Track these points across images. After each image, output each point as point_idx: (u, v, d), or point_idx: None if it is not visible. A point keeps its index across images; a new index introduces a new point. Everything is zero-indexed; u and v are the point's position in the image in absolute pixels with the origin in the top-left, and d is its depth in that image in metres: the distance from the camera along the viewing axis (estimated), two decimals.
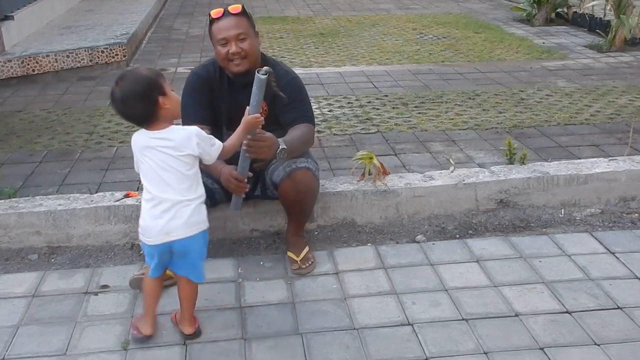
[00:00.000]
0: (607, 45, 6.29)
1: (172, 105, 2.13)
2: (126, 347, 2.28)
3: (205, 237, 2.24)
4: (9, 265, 2.82)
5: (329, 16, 8.42)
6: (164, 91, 2.11)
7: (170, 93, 2.13)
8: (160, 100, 2.10)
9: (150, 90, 2.09)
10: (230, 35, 2.57)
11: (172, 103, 2.13)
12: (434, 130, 4.17)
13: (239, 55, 2.59)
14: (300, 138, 2.63)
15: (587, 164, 3.34)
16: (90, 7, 8.10)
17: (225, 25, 2.59)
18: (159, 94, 2.10)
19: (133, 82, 2.10)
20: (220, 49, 2.60)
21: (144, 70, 2.15)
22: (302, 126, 2.68)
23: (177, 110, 2.18)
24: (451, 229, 3.08)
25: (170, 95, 2.13)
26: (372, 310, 2.47)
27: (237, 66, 2.61)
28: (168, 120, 2.16)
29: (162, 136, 2.13)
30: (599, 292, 2.56)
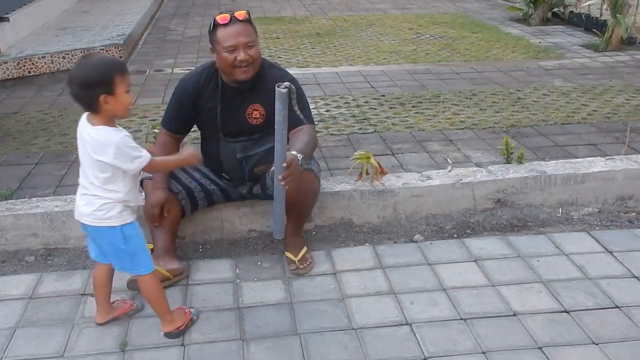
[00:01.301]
0: (604, 45, 6.29)
1: (115, 106, 2.08)
2: (124, 348, 2.28)
3: (119, 234, 2.18)
4: (5, 267, 2.81)
5: (326, 16, 8.42)
6: (111, 89, 2.05)
7: (119, 94, 2.07)
8: (102, 98, 2.05)
9: (95, 84, 2.04)
10: (240, 43, 2.57)
11: (116, 104, 2.08)
12: (431, 129, 4.17)
13: (247, 62, 2.59)
14: (309, 142, 2.63)
15: (584, 163, 3.34)
16: (86, 8, 8.09)
17: (234, 32, 2.58)
18: (103, 91, 2.05)
19: (83, 68, 2.08)
20: (227, 55, 2.58)
21: (101, 61, 2.10)
22: (306, 128, 2.67)
23: (121, 111, 2.12)
24: (449, 229, 3.08)
25: (118, 96, 2.07)
26: (370, 310, 2.46)
27: (244, 73, 2.62)
28: (108, 117, 2.11)
29: (90, 132, 2.12)
30: (596, 291, 2.56)
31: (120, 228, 2.19)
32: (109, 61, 2.14)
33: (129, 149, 2.10)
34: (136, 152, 2.12)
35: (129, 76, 2.12)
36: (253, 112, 2.72)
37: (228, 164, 2.82)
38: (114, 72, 2.06)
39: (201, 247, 2.96)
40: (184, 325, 2.34)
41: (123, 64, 2.18)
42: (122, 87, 2.08)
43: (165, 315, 2.32)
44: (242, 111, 2.73)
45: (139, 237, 2.25)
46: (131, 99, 2.15)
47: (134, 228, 2.23)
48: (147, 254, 2.29)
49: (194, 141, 3.08)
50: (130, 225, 2.22)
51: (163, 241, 2.71)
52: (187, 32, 7.52)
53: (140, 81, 5.48)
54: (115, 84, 2.06)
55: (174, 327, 2.32)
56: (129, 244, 2.21)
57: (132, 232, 2.22)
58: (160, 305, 2.32)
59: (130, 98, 2.13)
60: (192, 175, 2.86)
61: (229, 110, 2.73)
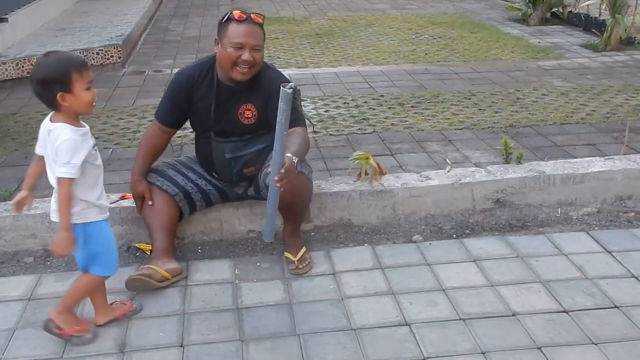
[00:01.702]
0: (603, 45, 6.29)
1: (74, 103, 2.08)
2: (123, 349, 2.27)
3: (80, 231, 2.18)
4: (4, 268, 2.81)
5: (325, 16, 8.42)
6: (68, 87, 2.05)
7: (77, 91, 2.06)
8: (59, 96, 2.06)
9: (51, 82, 2.05)
10: (248, 43, 2.58)
11: (75, 101, 2.08)
12: (430, 130, 4.17)
13: (250, 64, 2.60)
14: (302, 144, 2.63)
15: (583, 163, 3.34)
16: (84, 8, 8.08)
17: (246, 31, 2.59)
18: (60, 89, 2.05)
19: (41, 66, 2.08)
20: (231, 51, 2.59)
21: (59, 59, 2.09)
22: (299, 130, 2.66)
23: (82, 108, 2.11)
24: (448, 229, 3.08)
25: (76, 94, 2.07)
26: (370, 311, 2.46)
27: (242, 74, 2.62)
28: (70, 114, 2.12)
29: (49, 128, 2.13)
30: (595, 291, 2.56)
31: (82, 226, 2.19)
32: (66, 59, 2.12)
33: (66, 152, 2.08)
34: (71, 161, 2.08)
35: (88, 73, 2.11)
36: (245, 112, 2.72)
37: (217, 163, 2.84)
38: (71, 70, 2.06)
39: (200, 248, 2.96)
40: (66, 335, 2.30)
41: (82, 61, 2.14)
42: (80, 85, 2.07)
43: (64, 309, 2.30)
44: (234, 110, 2.73)
45: (103, 238, 2.24)
46: (93, 95, 2.12)
47: (98, 229, 2.21)
48: (110, 258, 2.28)
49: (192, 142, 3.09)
50: (94, 225, 2.21)
51: (161, 242, 2.71)
52: (186, 33, 7.52)
53: (139, 82, 5.48)
54: (73, 82, 2.06)
55: (59, 325, 2.29)
56: (90, 243, 2.21)
57: (94, 232, 2.21)
58: (71, 302, 2.32)
59: (90, 95, 2.11)
60: (188, 177, 2.87)
61: (223, 108, 2.73)
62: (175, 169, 2.88)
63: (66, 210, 2.12)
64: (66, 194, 2.11)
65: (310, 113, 4.52)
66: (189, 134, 3.76)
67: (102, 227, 2.24)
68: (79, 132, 2.13)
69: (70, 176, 2.09)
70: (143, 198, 2.79)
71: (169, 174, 2.83)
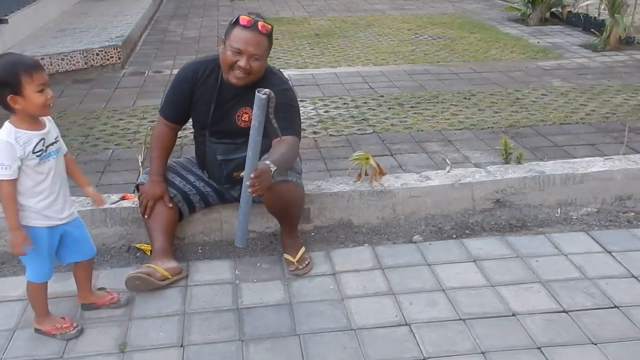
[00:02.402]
0: (602, 45, 6.30)
1: (26, 106, 2.07)
2: (123, 349, 2.28)
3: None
4: (5, 268, 2.81)
5: (324, 17, 8.43)
6: (18, 90, 2.04)
7: (28, 94, 2.05)
8: (9, 98, 2.05)
9: (1, 84, 2.04)
10: (247, 50, 2.56)
11: (27, 104, 2.07)
12: (430, 130, 4.17)
13: (245, 71, 2.58)
14: (285, 154, 2.58)
15: (583, 163, 3.35)
16: (84, 9, 8.09)
17: (247, 37, 2.56)
18: (10, 92, 2.04)
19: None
20: (230, 54, 2.58)
21: (8, 62, 2.07)
22: (289, 139, 2.62)
23: (35, 110, 2.10)
24: (448, 229, 3.08)
25: (28, 97, 2.05)
26: (370, 311, 2.46)
27: (236, 79, 2.61)
28: (25, 116, 2.10)
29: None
30: (595, 291, 2.56)
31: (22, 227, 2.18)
32: (15, 61, 2.09)
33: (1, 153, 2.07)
34: (4, 162, 2.07)
35: (40, 75, 2.07)
36: (243, 115, 2.72)
37: (208, 163, 2.84)
38: (20, 72, 2.04)
39: (200, 248, 2.96)
40: (49, 332, 2.32)
41: (33, 62, 2.11)
42: (31, 87, 2.05)
43: (37, 315, 2.35)
44: (233, 112, 2.73)
45: (36, 244, 2.20)
46: (46, 97, 2.10)
47: (32, 234, 2.19)
48: (35, 266, 2.26)
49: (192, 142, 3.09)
50: (31, 230, 2.19)
51: (160, 242, 2.72)
52: (186, 34, 7.53)
53: (139, 82, 5.48)
54: (22, 84, 2.04)
55: (41, 327, 2.33)
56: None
57: (30, 236, 2.19)
58: (34, 306, 2.35)
59: (43, 97, 2.09)
60: (186, 178, 2.87)
61: (222, 109, 2.73)
62: (174, 171, 2.88)
63: (7, 209, 2.13)
64: (4, 195, 2.12)
65: (310, 113, 4.52)
66: (189, 134, 3.77)
67: (39, 233, 2.21)
68: (17, 133, 2.10)
69: (5, 178, 2.09)
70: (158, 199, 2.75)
71: (167, 176, 2.84)
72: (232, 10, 9.03)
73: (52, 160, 2.20)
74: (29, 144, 2.12)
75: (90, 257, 2.43)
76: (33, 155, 2.13)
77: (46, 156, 2.17)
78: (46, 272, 2.30)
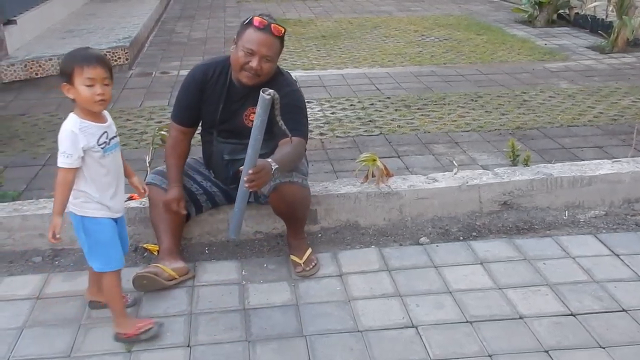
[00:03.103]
0: (610, 47, 6.28)
1: (76, 97, 2.14)
2: (130, 349, 2.28)
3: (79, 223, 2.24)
4: (13, 267, 2.83)
5: (331, 19, 8.43)
6: (70, 80, 2.13)
7: (76, 86, 2.12)
8: (62, 86, 2.15)
9: (61, 72, 2.17)
10: (260, 52, 2.57)
11: (76, 95, 2.14)
12: (436, 132, 4.17)
13: (256, 72, 2.59)
14: (290, 154, 2.59)
15: (590, 165, 3.33)
16: (92, 11, 8.12)
17: (260, 39, 2.57)
18: (64, 80, 2.14)
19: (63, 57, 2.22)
20: (241, 55, 2.59)
21: (69, 54, 2.19)
22: (295, 141, 2.61)
23: (83, 103, 2.15)
24: (455, 231, 3.07)
25: (77, 89, 2.12)
26: (376, 313, 2.46)
27: (247, 78, 2.62)
28: (80, 107, 2.16)
29: None
30: (603, 294, 2.55)
31: (81, 218, 2.23)
32: (75, 53, 2.19)
33: (62, 141, 2.14)
34: (66, 151, 2.13)
35: (91, 70, 2.12)
36: (250, 115, 2.72)
37: (215, 163, 2.85)
38: (73, 64, 2.12)
39: (207, 249, 2.97)
40: (133, 335, 2.31)
41: (88, 56, 2.16)
42: (80, 79, 2.12)
43: (117, 316, 2.33)
44: (241, 112, 2.74)
45: (101, 234, 2.24)
46: (92, 93, 2.13)
47: (96, 224, 2.23)
48: (105, 255, 2.26)
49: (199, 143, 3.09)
50: (92, 220, 2.23)
51: (167, 242, 2.73)
52: (193, 35, 7.54)
53: (146, 83, 5.50)
54: (73, 76, 2.12)
55: (122, 331, 2.32)
56: (88, 237, 2.25)
57: (92, 227, 2.23)
58: (112, 305, 2.34)
59: (88, 92, 2.12)
60: (193, 178, 2.88)
61: (230, 109, 2.74)
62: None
63: (58, 196, 2.17)
64: (60, 181, 2.16)
65: (316, 115, 4.53)
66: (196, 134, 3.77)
67: (100, 222, 2.24)
68: (82, 124, 2.15)
69: (65, 165, 2.14)
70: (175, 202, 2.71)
71: None
72: (238, 11, 9.05)
73: (114, 154, 2.25)
74: (94, 136, 2.17)
75: (126, 252, 2.44)
76: (98, 147, 2.18)
77: (109, 149, 2.22)
78: (117, 259, 2.29)
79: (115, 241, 2.30)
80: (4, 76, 5.31)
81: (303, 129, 2.73)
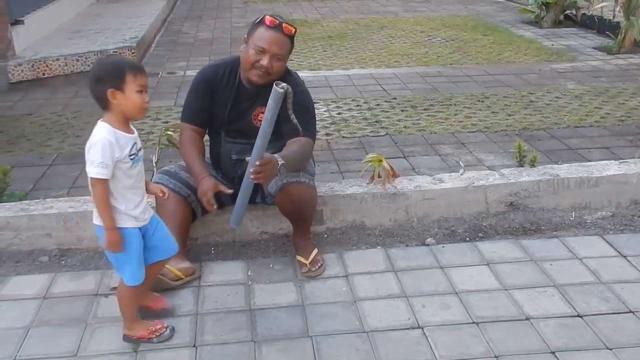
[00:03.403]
0: (617, 47, 6.26)
1: (124, 103, 2.11)
2: (136, 349, 2.29)
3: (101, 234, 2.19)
4: (19, 267, 2.84)
5: (337, 19, 8.43)
6: (121, 86, 2.09)
7: (128, 92, 2.09)
8: (110, 92, 2.09)
9: (105, 79, 2.10)
10: (271, 50, 2.59)
11: (125, 101, 2.10)
12: (443, 132, 4.16)
13: (266, 70, 2.61)
14: (297, 152, 2.60)
15: (597, 166, 3.32)
16: (99, 11, 8.15)
17: (271, 37, 2.59)
18: (112, 86, 2.09)
19: (99, 63, 2.19)
20: (252, 53, 2.61)
21: (117, 59, 2.19)
22: (303, 140, 2.64)
23: (131, 110, 2.13)
24: (461, 232, 3.07)
25: (128, 95, 2.10)
26: (382, 313, 2.46)
27: (258, 77, 2.63)
28: (118, 115, 2.13)
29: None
30: (610, 295, 2.54)
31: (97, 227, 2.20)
32: (124, 59, 2.21)
33: (101, 152, 2.08)
34: (104, 161, 2.08)
35: (143, 78, 2.14)
36: (259, 115, 2.73)
37: (223, 163, 2.85)
38: (127, 70, 2.10)
39: (213, 249, 2.97)
40: (144, 337, 2.31)
41: (139, 66, 2.20)
42: (132, 86, 2.10)
43: (128, 321, 2.33)
44: (250, 112, 2.74)
45: (128, 244, 2.19)
46: (143, 99, 2.14)
47: (126, 236, 2.19)
48: (130, 269, 2.23)
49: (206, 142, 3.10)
50: (122, 232, 2.18)
51: None
52: (199, 35, 7.56)
53: (152, 83, 5.51)
54: (125, 81, 2.09)
55: (132, 334, 2.31)
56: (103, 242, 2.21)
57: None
58: (123, 311, 2.33)
59: (141, 99, 2.12)
60: None
61: (238, 109, 2.75)
62: (188, 171, 2.89)
63: (103, 210, 2.14)
64: (99, 194, 2.12)
65: (323, 115, 4.53)
66: None
67: (132, 234, 2.21)
68: (116, 134, 2.12)
69: (103, 177, 2.10)
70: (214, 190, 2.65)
71: (181, 175, 2.84)
72: (245, 12, 9.06)
73: (140, 165, 2.23)
74: (126, 146, 2.15)
75: (173, 254, 2.42)
76: (128, 158, 2.16)
77: (137, 160, 2.20)
78: (141, 274, 2.27)
79: (140, 253, 2.26)
80: (11, 76, 5.34)
81: (312, 129, 2.75)
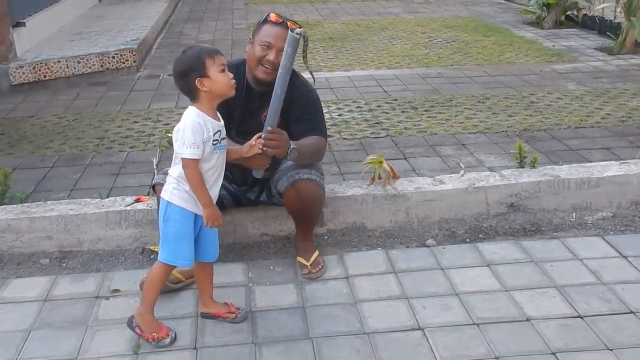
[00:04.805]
0: (618, 48, 6.25)
1: (212, 87, 2.19)
2: (137, 351, 2.29)
3: (164, 207, 2.26)
4: (20, 269, 2.84)
5: (338, 20, 8.43)
6: (205, 73, 2.18)
7: (212, 74, 2.18)
8: (197, 82, 2.18)
9: (188, 72, 2.19)
10: (277, 45, 2.60)
11: (213, 84, 2.19)
12: (443, 134, 4.16)
13: (273, 65, 2.62)
14: (311, 146, 2.64)
15: (598, 167, 3.32)
16: (100, 13, 8.16)
17: (277, 33, 2.61)
18: (197, 75, 2.18)
19: (178, 61, 2.26)
20: (259, 49, 2.63)
21: (193, 50, 2.25)
22: (315, 138, 2.68)
23: (221, 89, 2.22)
24: (462, 233, 3.07)
25: (213, 77, 2.19)
26: (383, 315, 2.46)
27: (265, 73, 2.64)
28: (208, 102, 2.22)
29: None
30: (611, 296, 2.54)
31: (167, 204, 2.26)
32: (198, 48, 2.27)
33: (192, 134, 2.16)
34: (195, 142, 2.15)
35: (221, 58, 2.22)
36: None
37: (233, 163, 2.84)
38: (203, 56, 2.19)
39: None
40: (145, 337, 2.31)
41: (214, 49, 2.27)
42: (214, 68, 2.19)
43: (143, 311, 2.32)
44: (259, 112, 2.75)
45: (179, 225, 2.24)
46: (230, 77, 2.23)
47: (177, 213, 2.24)
48: (175, 247, 2.26)
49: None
50: (175, 208, 2.24)
51: None
52: (201, 37, 7.57)
53: (154, 85, 5.52)
54: (207, 67, 2.18)
55: (137, 321, 2.31)
56: (166, 224, 2.26)
57: (173, 215, 2.25)
58: (145, 296, 2.33)
59: (227, 77, 2.22)
60: None
61: (248, 110, 2.76)
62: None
63: (199, 188, 2.21)
64: (193, 174, 2.19)
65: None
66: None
67: (181, 212, 2.25)
68: (204, 117, 2.20)
69: (195, 157, 2.17)
70: None
71: None
72: (246, 13, 9.07)
73: (221, 154, 2.29)
74: (212, 131, 2.22)
75: (214, 260, 2.44)
76: (211, 143, 2.22)
77: (219, 148, 2.26)
78: (185, 257, 2.28)
79: (189, 238, 2.29)
80: (12, 78, 5.35)
81: (323, 128, 2.78)
